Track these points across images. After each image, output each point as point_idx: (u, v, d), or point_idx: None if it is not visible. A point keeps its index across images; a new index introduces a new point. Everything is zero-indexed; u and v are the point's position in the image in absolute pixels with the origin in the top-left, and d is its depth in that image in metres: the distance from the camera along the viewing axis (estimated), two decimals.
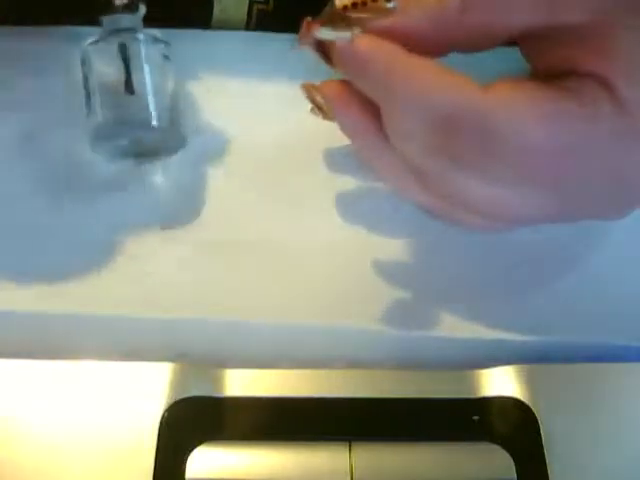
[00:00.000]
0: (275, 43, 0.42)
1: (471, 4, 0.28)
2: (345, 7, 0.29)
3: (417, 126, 0.30)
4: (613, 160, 0.30)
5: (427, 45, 0.30)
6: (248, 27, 0.45)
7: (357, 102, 0.31)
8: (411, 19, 0.29)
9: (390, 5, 0.29)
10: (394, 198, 0.37)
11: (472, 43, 0.30)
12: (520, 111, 0.29)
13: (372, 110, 0.31)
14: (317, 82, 0.33)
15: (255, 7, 0.44)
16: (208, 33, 0.43)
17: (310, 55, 0.32)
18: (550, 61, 0.31)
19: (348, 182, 0.38)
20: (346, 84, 0.31)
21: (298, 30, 0.44)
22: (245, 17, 0.44)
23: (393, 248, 0.36)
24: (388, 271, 0.36)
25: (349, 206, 0.37)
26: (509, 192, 0.31)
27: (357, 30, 0.29)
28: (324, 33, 0.30)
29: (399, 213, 0.37)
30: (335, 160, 0.32)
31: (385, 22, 0.29)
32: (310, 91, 0.32)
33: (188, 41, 0.42)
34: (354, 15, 0.29)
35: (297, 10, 0.44)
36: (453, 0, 0.28)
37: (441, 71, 0.29)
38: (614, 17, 0.28)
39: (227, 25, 0.44)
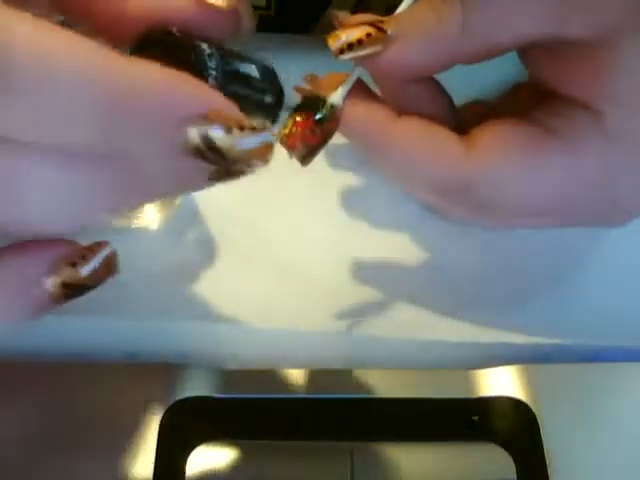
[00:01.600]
0: (275, 44, 0.42)
1: (471, 25, 0.28)
2: (342, 50, 0.29)
3: (412, 190, 0.33)
4: (605, 186, 0.30)
5: (429, 67, 0.30)
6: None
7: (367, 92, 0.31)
8: (410, 48, 0.29)
9: (388, 32, 0.29)
10: (394, 198, 0.37)
11: (475, 58, 0.30)
12: (502, 175, 0.30)
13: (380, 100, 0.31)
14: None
15: (257, 13, 0.44)
16: None
17: (309, 56, 0.33)
18: (547, 73, 0.31)
19: (348, 182, 0.38)
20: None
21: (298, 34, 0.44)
22: None
23: (393, 248, 0.36)
24: (388, 272, 0.36)
25: (350, 205, 0.37)
26: (509, 219, 0.33)
27: (359, 71, 0.30)
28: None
29: (399, 213, 0.37)
30: (335, 160, 0.32)
31: (385, 57, 0.29)
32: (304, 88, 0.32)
33: None
34: (352, 56, 0.29)
35: (298, 16, 0.45)
36: (453, 22, 0.28)
37: (423, 142, 0.30)
38: (619, 35, 0.28)
39: None
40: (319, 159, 0.38)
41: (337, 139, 0.30)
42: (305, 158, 0.30)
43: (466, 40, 0.28)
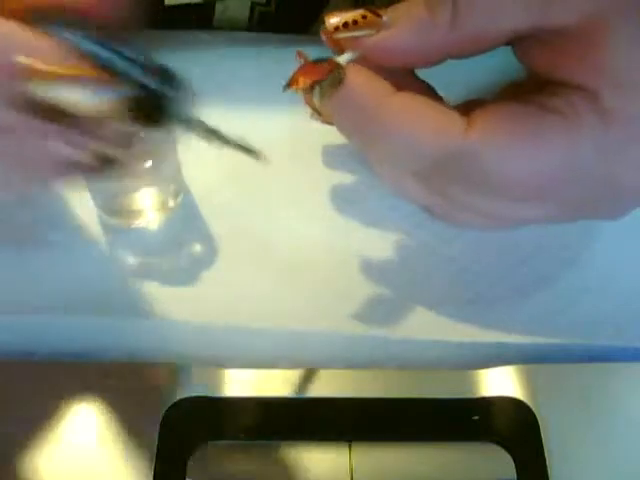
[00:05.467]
0: (274, 43, 0.42)
1: (461, 15, 0.29)
2: (337, 27, 0.29)
3: (407, 169, 0.32)
4: (603, 168, 0.30)
5: (420, 56, 0.30)
6: (250, 29, 0.45)
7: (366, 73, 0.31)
8: (402, 34, 0.29)
9: (384, 19, 0.29)
10: (392, 198, 0.37)
11: (465, 51, 0.30)
12: (501, 146, 0.29)
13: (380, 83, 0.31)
14: None
15: (257, 9, 0.44)
16: (207, 34, 0.43)
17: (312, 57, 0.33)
18: (541, 65, 0.31)
19: (346, 182, 0.38)
20: None
21: (298, 31, 0.44)
22: (247, 19, 0.44)
23: (392, 249, 0.36)
24: (387, 272, 0.36)
25: (348, 206, 0.37)
26: (507, 205, 0.32)
27: (350, 54, 0.30)
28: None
29: (397, 213, 0.37)
30: (333, 160, 0.32)
31: (376, 39, 0.29)
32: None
33: (187, 42, 0.42)
34: (346, 35, 0.29)
35: (298, 12, 0.45)
36: (443, 12, 0.29)
37: (423, 113, 0.30)
38: (605, 19, 0.29)
39: (229, 27, 0.44)
40: (319, 160, 0.38)
41: (337, 140, 0.30)
42: (311, 88, 0.30)
43: (455, 30, 0.29)
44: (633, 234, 0.36)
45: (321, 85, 0.30)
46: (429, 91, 0.33)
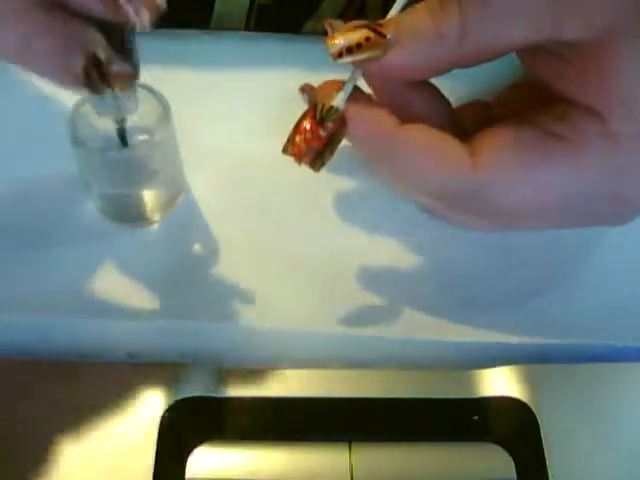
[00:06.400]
0: (274, 43, 0.42)
1: (469, 30, 0.28)
2: (340, 54, 0.29)
3: (417, 196, 0.33)
4: (610, 189, 0.30)
5: (426, 71, 0.30)
6: (249, 21, 0.45)
7: (369, 98, 0.31)
8: (409, 53, 0.29)
9: (388, 37, 0.28)
10: (393, 198, 0.37)
11: (473, 62, 0.30)
12: (508, 180, 0.30)
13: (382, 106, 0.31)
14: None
15: (256, 2, 0.44)
16: (207, 33, 0.43)
17: (310, 57, 0.33)
18: (545, 73, 0.31)
19: (346, 183, 0.38)
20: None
21: (297, 25, 0.44)
22: (246, 11, 0.44)
23: (392, 249, 0.36)
24: (387, 272, 0.36)
25: (348, 206, 0.37)
26: (511, 222, 0.33)
27: (358, 73, 0.30)
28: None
29: (397, 213, 0.37)
30: (335, 160, 0.32)
31: (384, 61, 0.29)
32: (310, 91, 0.31)
33: (187, 42, 0.42)
34: (351, 60, 0.29)
35: (297, 4, 0.44)
36: (451, 26, 0.28)
37: (427, 151, 0.30)
38: (617, 35, 0.28)
39: (228, 19, 0.44)
40: None
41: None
42: (314, 163, 0.30)
43: (464, 45, 0.28)
44: (633, 235, 0.36)
45: (322, 154, 0.30)
46: (433, 98, 0.33)
